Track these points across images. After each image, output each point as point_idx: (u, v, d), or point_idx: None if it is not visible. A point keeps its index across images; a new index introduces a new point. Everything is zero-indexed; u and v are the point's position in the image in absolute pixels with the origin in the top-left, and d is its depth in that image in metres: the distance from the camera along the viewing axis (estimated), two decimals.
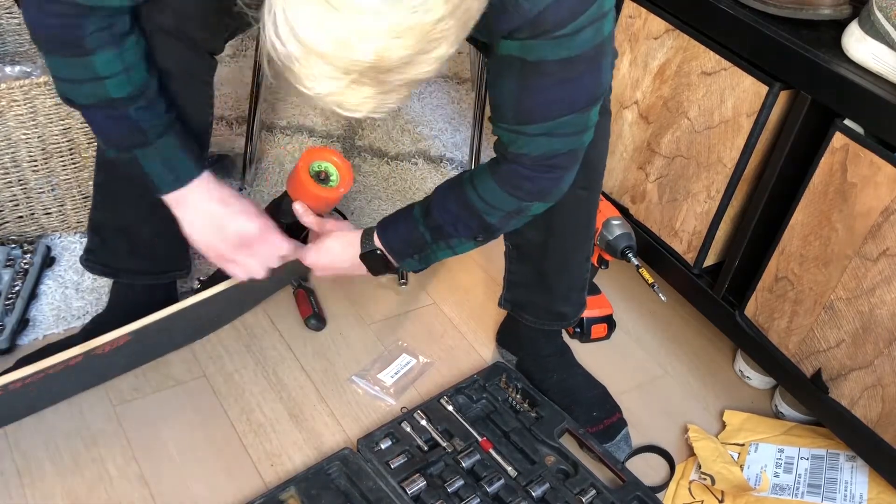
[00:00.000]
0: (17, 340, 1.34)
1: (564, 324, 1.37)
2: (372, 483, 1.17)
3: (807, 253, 1.23)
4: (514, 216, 1.07)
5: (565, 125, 0.97)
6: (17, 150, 1.40)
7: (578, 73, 0.93)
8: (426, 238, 1.10)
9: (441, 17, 0.70)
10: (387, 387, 1.37)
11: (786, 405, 1.40)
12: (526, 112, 0.96)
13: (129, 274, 1.27)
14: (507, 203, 1.04)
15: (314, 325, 1.44)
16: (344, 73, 0.72)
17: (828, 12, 1.21)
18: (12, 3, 1.60)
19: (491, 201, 1.04)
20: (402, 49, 0.70)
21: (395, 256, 1.13)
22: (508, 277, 1.36)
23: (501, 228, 1.09)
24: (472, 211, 1.06)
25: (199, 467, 1.21)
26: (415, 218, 1.10)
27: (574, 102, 0.96)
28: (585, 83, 0.95)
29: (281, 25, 0.70)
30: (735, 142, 1.31)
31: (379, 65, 0.71)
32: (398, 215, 1.14)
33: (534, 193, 1.04)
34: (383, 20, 0.68)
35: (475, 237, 1.09)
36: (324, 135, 1.96)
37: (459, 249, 1.11)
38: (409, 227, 1.11)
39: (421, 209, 1.11)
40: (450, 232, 1.08)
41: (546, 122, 0.96)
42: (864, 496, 1.25)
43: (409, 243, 1.12)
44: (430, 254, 1.12)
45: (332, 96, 0.74)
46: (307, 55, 0.70)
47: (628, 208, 1.55)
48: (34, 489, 1.15)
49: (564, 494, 1.19)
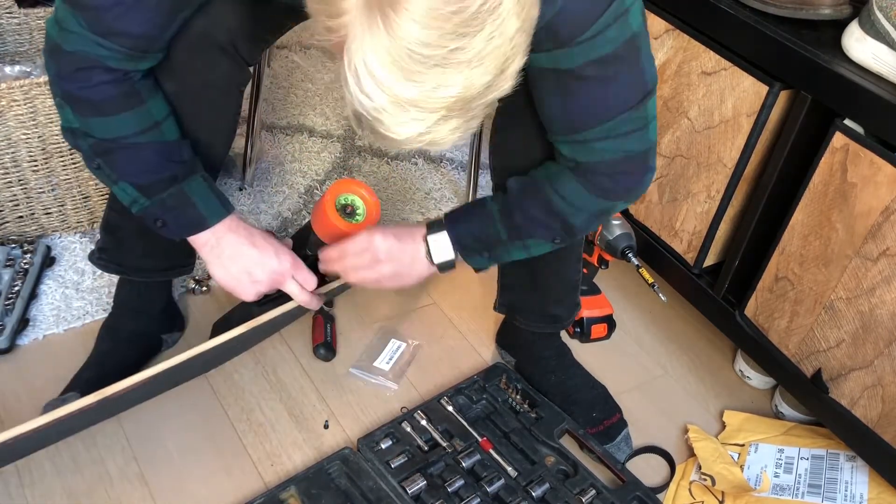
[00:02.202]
0: (17, 340, 1.34)
1: (558, 326, 1.37)
2: (372, 483, 1.17)
3: (807, 253, 1.23)
4: (599, 216, 1.06)
5: (623, 124, 0.96)
6: (17, 150, 1.40)
7: (616, 70, 0.92)
8: (501, 236, 1.08)
9: (514, 34, 0.70)
10: (385, 372, 1.38)
11: (786, 405, 1.40)
12: (577, 119, 0.95)
13: (142, 272, 1.27)
14: (593, 203, 1.03)
15: (322, 354, 1.40)
16: (431, 112, 0.71)
17: (828, 12, 1.21)
18: (12, 3, 1.60)
19: (577, 203, 1.03)
20: (484, 76, 0.70)
21: (461, 250, 1.09)
22: (501, 281, 1.36)
23: (585, 229, 1.09)
24: (556, 214, 1.04)
25: (199, 467, 1.21)
26: (490, 215, 1.08)
27: (624, 100, 0.95)
28: (628, 79, 0.94)
29: (364, 79, 0.69)
30: (735, 142, 1.31)
31: (465, 96, 0.70)
32: (470, 210, 1.11)
33: (619, 193, 1.03)
34: (464, 55, 0.68)
35: (554, 239, 1.08)
36: (324, 135, 1.96)
37: (535, 250, 1.10)
38: (483, 224, 1.08)
39: (500, 208, 1.07)
40: (529, 233, 1.07)
41: (602, 124, 0.96)
42: (864, 496, 1.25)
43: (480, 240, 1.09)
44: (502, 252, 1.10)
45: (422, 136, 0.74)
46: (395, 104, 0.70)
47: (628, 208, 1.55)
48: (34, 489, 1.15)
49: (564, 495, 1.19)
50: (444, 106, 0.70)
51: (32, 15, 1.63)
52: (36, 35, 1.65)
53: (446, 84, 0.69)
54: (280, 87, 2.10)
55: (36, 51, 1.66)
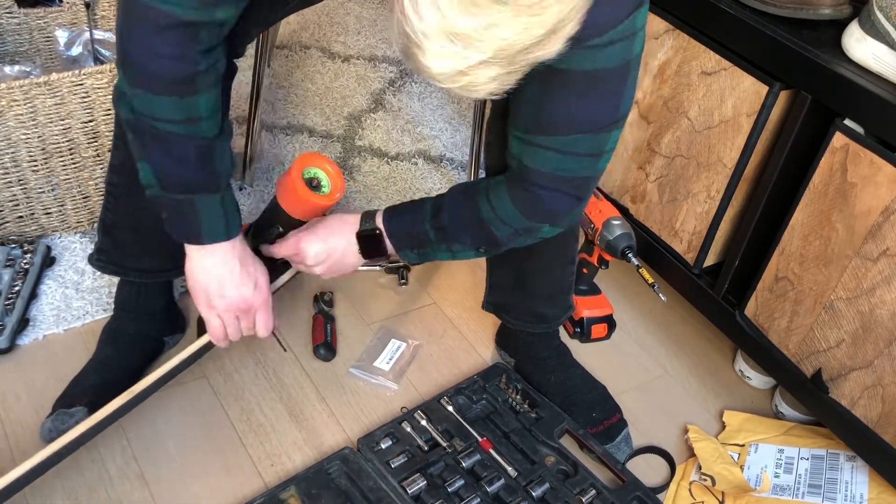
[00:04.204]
0: (17, 340, 1.34)
1: (547, 326, 1.36)
2: (372, 483, 1.17)
3: (807, 253, 1.23)
4: (522, 234, 1.06)
5: (579, 143, 0.96)
6: (17, 150, 1.40)
7: (602, 88, 0.92)
8: (429, 236, 1.09)
9: None
10: (385, 372, 1.38)
11: (786, 405, 1.40)
12: (542, 121, 0.95)
13: (139, 273, 1.27)
14: (517, 220, 1.03)
15: (322, 354, 1.40)
16: (477, 52, 0.70)
17: (828, 12, 1.21)
18: (12, 3, 1.60)
19: (503, 216, 1.03)
20: (539, 28, 0.69)
21: (395, 243, 1.12)
22: (490, 280, 1.36)
23: (507, 244, 1.09)
24: (482, 222, 1.05)
25: (199, 467, 1.21)
26: (424, 213, 1.10)
27: (592, 121, 0.94)
28: (606, 101, 0.94)
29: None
30: (735, 142, 1.31)
31: (514, 43, 0.69)
32: (408, 206, 1.13)
33: (545, 215, 1.03)
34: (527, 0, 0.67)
35: (478, 248, 1.09)
36: (324, 134, 1.96)
37: (460, 255, 1.11)
38: (415, 221, 1.10)
39: (432, 207, 1.10)
40: (454, 237, 1.08)
41: (559, 136, 0.95)
42: (864, 496, 1.25)
43: (411, 236, 1.11)
44: (429, 252, 1.12)
45: (460, 76, 0.72)
46: (444, 33, 0.68)
47: (628, 208, 1.55)
48: (34, 489, 1.14)
49: (564, 495, 1.19)
50: (491, 48, 0.69)
51: (32, 15, 1.63)
52: (36, 35, 1.65)
53: (501, 25, 0.68)
54: (280, 87, 2.10)
55: (36, 51, 1.66)
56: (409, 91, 2.15)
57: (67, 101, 1.39)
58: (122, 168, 1.18)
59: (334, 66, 2.22)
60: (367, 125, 2.01)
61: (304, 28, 2.36)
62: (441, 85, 0.74)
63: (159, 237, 1.23)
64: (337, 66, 2.22)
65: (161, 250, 1.25)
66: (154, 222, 1.22)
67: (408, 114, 2.07)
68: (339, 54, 2.26)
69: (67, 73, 1.37)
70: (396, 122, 2.04)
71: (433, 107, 2.11)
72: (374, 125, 2.01)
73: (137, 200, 1.20)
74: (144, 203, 1.20)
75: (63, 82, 1.37)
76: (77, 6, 1.64)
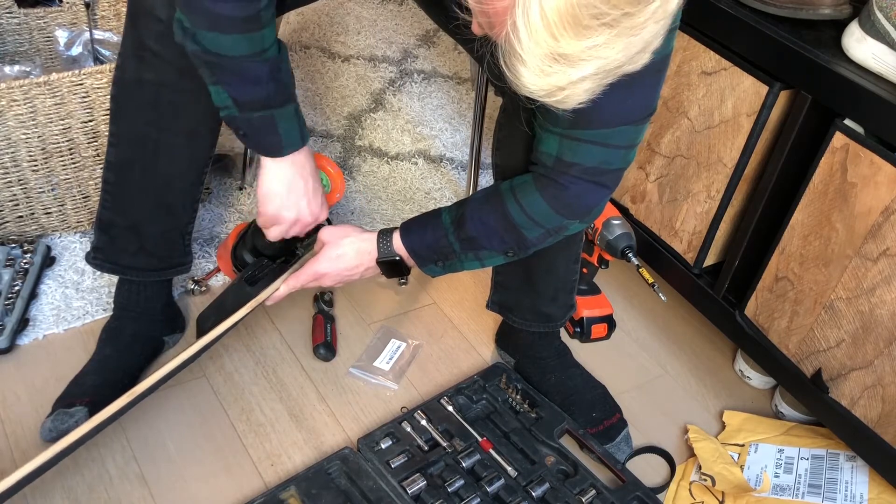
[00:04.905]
0: (17, 340, 1.34)
1: (551, 325, 1.36)
2: (372, 482, 1.17)
3: (807, 253, 1.23)
4: (553, 234, 1.06)
5: (620, 135, 0.96)
6: (17, 150, 1.40)
7: (644, 81, 0.92)
8: (454, 248, 1.09)
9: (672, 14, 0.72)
10: (385, 372, 1.38)
11: (786, 405, 1.40)
12: (585, 115, 0.94)
13: (137, 271, 1.27)
14: (551, 220, 1.03)
15: (322, 354, 1.40)
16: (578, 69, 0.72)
17: (828, 12, 1.21)
18: (12, 3, 1.60)
19: (535, 216, 1.03)
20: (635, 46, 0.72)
21: (418, 261, 1.12)
22: (495, 279, 1.36)
23: (536, 245, 1.08)
24: (511, 225, 1.05)
25: (199, 467, 1.21)
26: (444, 226, 1.09)
27: (633, 111, 0.95)
28: (645, 93, 0.95)
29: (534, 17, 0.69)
30: (735, 142, 1.31)
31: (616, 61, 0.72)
32: (424, 220, 1.13)
33: (578, 211, 1.03)
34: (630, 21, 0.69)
35: (507, 252, 1.09)
36: (324, 134, 1.96)
37: (488, 262, 1.11)
38: (436, 235, 1.10)
39: (451, 217, 1.09)
40: (482, 244, 1.08)
41: (604, 128, 0.96)
42: (864, 496, 1.25)
43: (435, 250, 1.11)
44: (456, 263, 1.11)
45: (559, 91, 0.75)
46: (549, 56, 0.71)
47: (628, 208, 1.55)
48: (34, 489, 1.14)
49: (564, 494, 1.19)
50: (594, 66, 0.72)
51: (32, 15, 1.63)
52: (36, 35, 1.65)
53: (605, 45, 0.70)
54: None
55: (36, 51, 1.66)
56: (409, 91, 2.15)
57: (67, 101, 1.39)
58: (119, 166, 1.19)
59: (334, 65, 2.22)
60: (367, 125, 2.01)
61: (304, 28, 2.36)
62: (534, 95, 0.76)
63: (156, 235, 1.23)
64: (337, 65, 2.22)
65: (158, 249, 1.25)
66: (150, 220, 1.22)
67: (408, 114, 2.07)
68: (339, 54, 2.26)
69: (67, 73, 1.37)
70: (396, 122, 2.04)
71: (433, 107, 2.11)
72: (374, 125, 2.01)
73: (133, 198, 1.21)
74: (140, 201, 1.21)
75: (63, 82, 1.37)
76: (77, 6, 1.64)
